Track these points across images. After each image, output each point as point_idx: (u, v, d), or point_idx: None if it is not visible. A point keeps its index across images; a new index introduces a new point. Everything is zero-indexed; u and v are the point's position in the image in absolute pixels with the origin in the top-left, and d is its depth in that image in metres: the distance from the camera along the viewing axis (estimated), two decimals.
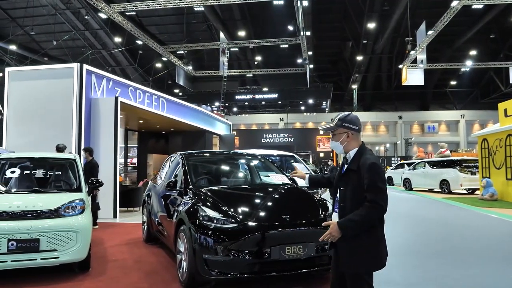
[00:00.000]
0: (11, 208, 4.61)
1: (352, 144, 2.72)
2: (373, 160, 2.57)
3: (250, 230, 4.10)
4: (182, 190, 5.12)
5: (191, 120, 14.89)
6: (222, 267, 4.03)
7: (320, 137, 39.84)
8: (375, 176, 2.51)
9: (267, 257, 4.04)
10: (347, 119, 2.73)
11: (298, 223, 4.34)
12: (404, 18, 31.38)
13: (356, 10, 33.75)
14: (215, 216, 4.24)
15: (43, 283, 4.62)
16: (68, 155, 5.92)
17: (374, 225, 2.57)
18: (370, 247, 2.55)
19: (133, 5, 18.95)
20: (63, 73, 9.85)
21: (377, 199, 2.48)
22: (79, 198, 5.04)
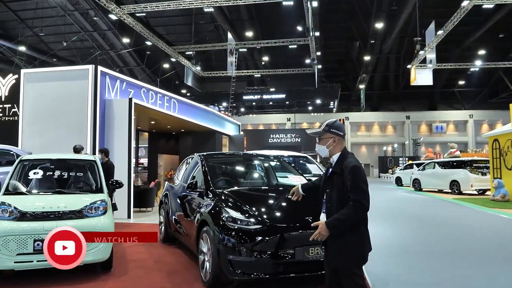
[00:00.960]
0: (36, 209, 4.69)
1: (336, 149, 2.93)
2: (355, 163, 2.77)
3: (275, 231, 4.15)
4: (203, 191, 5.16)
5: (202, 120, 14.96)
6: (247, 267, 4.07)
7: None
8: (357, 178, 2.71)
9: (291, 258, 4.08)
10: (334, 125, 2.94)
11: None
12: (412, 17, 31.26)
13: (364, 10, 33.67)
14: (239, 217, 4.29)
15: (67, 283, 4.68)
16: (88, 157, 5.99)
17: (358, 223, 2.75)
18: (355, 244, 2.75)
19: (143, 6, 19.05)
20: (78, 75, 9.95)
21: (360, 199, 2.66)
22: (102, 199, 5.10)
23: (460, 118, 45.02)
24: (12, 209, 4.64)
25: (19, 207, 4.66)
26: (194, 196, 5.38)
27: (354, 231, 2.74)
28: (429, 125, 45.41)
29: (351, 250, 2.74)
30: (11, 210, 4.64)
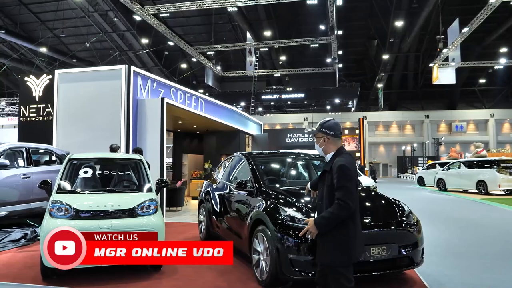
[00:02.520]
0: (91, 207, 4.72)
1: (329, 148, 3.01)
2: (342, 162, 2.82)
3: None
4: (253, 190, 5.13)
5: (227, 120, 14.96)
6: (308, 267, 4.02)
7: (345, 137, 39.51)
8: (343, 177, 2.76)
9: None
10: (325, 125, 3.04)
11: (380, 224, 4.32)
12: (432, 15, 30.84)
13: (383, 8, 33.33)
14: (297, 216, 4.24)
15: (123, 282, 4.70)
16: (135, 156, 6.02)
17: (346, 222, 2.80)
18: (341, 243, 2.81)
19: (167, 6, 19.16)
20: (111, 75, 10.02)
21: (344, 198, 2.73)
22: (152, 198, 5.12)
23: (481, 117, 44.29)
24: (68, 207, 4.68)
25: (74, 205, 4.70)
26: (243, 195, 5.35)
27: (341, 230, 2.81)
28: (448, 124, 44.77)
29: (335, 248, 2.81)
30: (66, 208, 4.68)
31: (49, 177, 7.52)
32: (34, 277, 4.89)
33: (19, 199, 7.00)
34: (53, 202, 4.76)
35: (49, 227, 4.53)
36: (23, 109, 10.68)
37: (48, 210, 4.76)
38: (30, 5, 35.79)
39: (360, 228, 3.01)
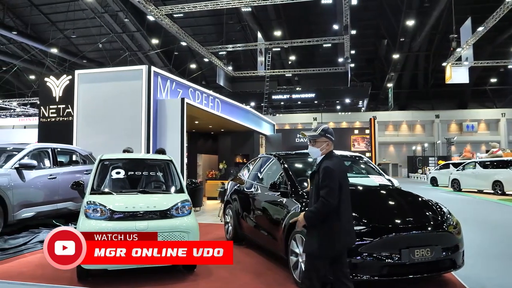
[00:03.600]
0: (127, 208, 4.69)
1: (327, 151, 3.32)
2: (327, 164, 3.14)
3: (379, 232, 4.04)
4: (288, 191, 5.08)
5: (242, 120, 14.93)
6: (354, 269, 3.95)
7: (355, 137, 39.32)
8: (326, 177, 3.08)
9: (397, 260, 3.96)
10: (329, 131, 3.36)
11: (422, 226, 4.26)
12: (443, 14, 30.60)
13: (393, 8, 33.13)
14: None
15: (158, 283, 4.67)
16: (165, 156, 5.99)
17: (330, 217, 3.10)
18: (322, 236, 3.12)
19: (180, 7, 19.17)
20: (131, 75, 10.03)
21: (326, 196, 3.05)
22: (186, 199, 5.08)
23: (492, 116, 43.89)
24: (103, 208, 4.65)
25: (109, 206, 4.67)
26: (276, 196, 5.30)
27: (324, 224, 3.12)
28: (459, 124, 44.42)
29: (317, 239, 3.13)
30: (102, 209, 4.65)
31: (75, 177, 7.55)
32: (69, 278, 4.86)
33: (46, 199, 7.00)
34: (88, 203, 4.73)
35: (85, 228, 4.52)
36: (43, 109, 10.71)
37: (83, 211, 4.73)
38: (41, 6, 35.99)
39: (347, 222, 3.25)
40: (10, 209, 6.20)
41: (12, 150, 7.17)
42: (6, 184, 6.17)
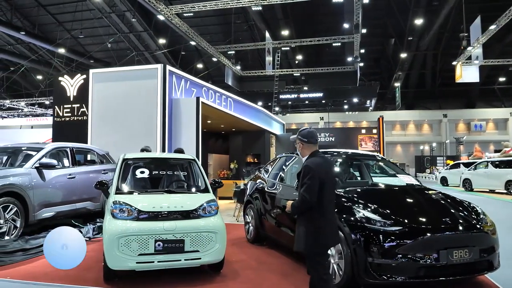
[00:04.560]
0: (154, 208, 4.61)
1: (304, 152, 3.52)
2: (307, 163, 3.35)
3: (417, 233, 3.96)
4: None
5: (254, 119, 14.85)
6: (388, 270, 3.88)
7: (362, 136, 39.11)
8: (305, 176, 3.28)
9: (434, 261, 3.87)
10: (301, 133, 3.56)
11: (460, 226, 4.17)
12: (451, 13, 30.36)
13: (401, 6, 32.92)
14: (375, 218, 4.10)
15: (187, 285, 4.59)
16: (188, 156, 5.91)
17: (312, 214, 3.27)
18: (310, 232, 3.27)
19: (191, 6, 19.10)
20: (146, 74, 9.96)
21: (303, 193, 3.24)
22: (213, 199, 5.00)
23: (500, 116, 43.55)
24: (131, 208, 4.57)
25: (137, 206, 4.59)
26: None
27: (309, 222, 3.29)
28: (467, 123, 44.11)
29: (306, 237, 3.28)
30: (129, 209, 4.57)
31: (93, 177, 7.51)
32: (95, 278, 4.81)
33: (65, 199, 6.95)
34: (115, 203, 4.65)
35: (111, 229, 4.45)
36: (57, 109, 10.67)
37: (110, 211, 4.65)
38: (48, 6, 36.05)
39: (330, 220, 3.39)
40: (31, 209, 6.16)
41: (29, 150, 7.13)
42: (27, 184, 6.12)
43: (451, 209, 4.48)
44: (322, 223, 3.30)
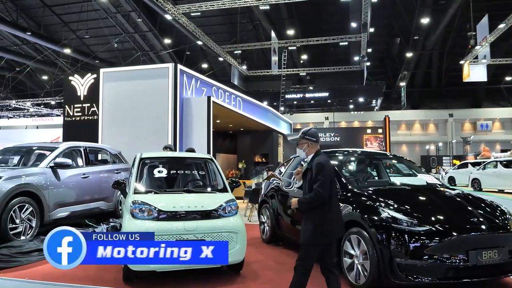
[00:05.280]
0: (175, 208, 4.55)
1: (311, 151, 3.63)
2: (319, 161, 3.48)
3: (445, 233, 3.88)
4: (338, 190, 4.90)
5: (262, 119, 14.79)
6: (417, 271, 3.81)
7: (368, 136, 38.98)
8: (319, 172, 3.41)
9: (463, 262, 3.80)
10: (308, 133, 3.65)
11: (488, 226, 4.09)
12: (458, 12, 30.19)
13: (407, 5, 32.76)
14: (402, 218, 4.03)
15: (207, 285, 4.54)
16: (205, 155, 5.85)
17: (323, 208, 3.41)
18: (316, 226, 3.41)
19: (198, 5, 19.07)
20: (157, 74, 9.93)
21: (318, 188, 3.37)
22: (232, 199, 4.94)
23: (507, 115, 43.23)
24: (151, 208, 4.52)
25: (157, 206, 4.53)
26: None
27: (317, 215, 3.42)
28: (473, 123, 43.84)
29: (311, 229, 3.42)
30: (149, 209, 4.52)
31: (106, 177, 7.47)
32: (114, 279, 4.76)
33: (80, 199, 6.91)
34: (134, 203, 4.59)
35: (132, 229, 4.40)
36: (67, 108, 10.64)
37: (129, 211, 4.60)
38: (54, 7, 36.11)
39: (337, 214, 3.57)
40: (46, 208, 6.11)
41: (43, 149, 7.10)
42: (43, 184, 6.08)
43: (476, 209, 4.40)
44: (331, 215, 3.47)
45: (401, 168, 6.07)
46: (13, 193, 5.61)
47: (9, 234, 5.64)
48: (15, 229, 5.75)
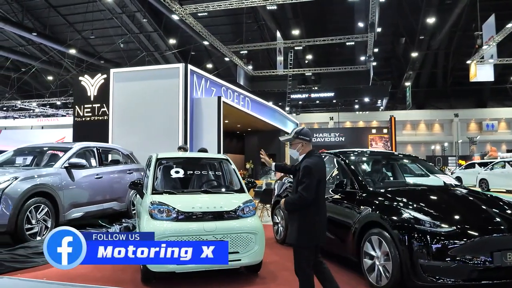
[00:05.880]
0: (194, 209, 4.54)
1: (304, 151, 3.61)
2: (306, 163, 3.45)
3: (469, 234, 3.85)
4: (356, 191, 4.88)
5: (270, 119, 14.79)
6: (440, 273, 3.77)
7: (372, 136, 38.95)
8: (304, 175, 3.40)
9: (488, 264, 3.76)
10: (301, 132, 3.64)
11: (510, 227, 4.04)
12: (464, 12, 30.08)
13: (412, 5, 32.66)
14: (424, 219, 3.99)
15: (226, 286, 4.52)
16: (221, 155, 5.83)
17: (309, 210, 3.41)
18: (304, 226, 3.41)
19: (205, 6, 19.08)
20: (167, 74, 9.94)
21: (301, 191, 3.38)
22: (250, 199, 4.92)
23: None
24: (169, 209, 4.50)
25: (175, 207, 4.52)
26: (341, 196, 5.11)
27: (303, 217, 3.42)
28: (479, 123, 43.67)
29: (299, 230, 3.41)
30: (168, 210, 4.50)
31: (119, 177, 7.46)
32: (131, 280, 4.75)
33: (93, 199, 6.91)
34: (153, 203, 4.58)
35: (151, 230, 4.38)
36: (77, 108, 10.65)
37: (148, 211, 4.58)
38: (59, 7, 36.21)
39: (323, 217, 3.57)
40: (61, 209, 6.11)
41: (56, 149, 7.10)
42: (58, 184, 6.08)
43: (498, 210, 4.35)
44: (317, 218, 3.47)
45: (413, 168, 6.02)
46: (29, 194, 5.61)
47: (26, 234, 5.64)
48: (31, 230, 5.76)
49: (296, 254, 3.50)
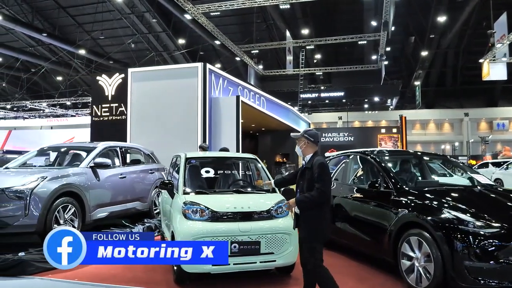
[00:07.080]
0: (228, 209, 4.48)
1: (308, 150, 3.75)
2: (321, 161, 3.59)
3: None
4: (391, 191, 4.79)
5: (284, 118, 14.73)
6: (487, 275, 3.70)
7: (382, 136, 38.66)
8: (322, 171, 3.52)
9: None
10: (308, 132, 3.82)
11: None
12: (474, 10, 29.82)
13: (422, 4, 32.44)
14: (467, 219, 3.91)
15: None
16: (249, 155, 5.77)
17: (323, 207, 3.53)
18: (316, 223, 3.54)
19: (218, 5, 19.05)
20: (186, 73, 9.91)
21: (321, 187, 3.47)
22: (283, 199, 4.85)
23: None
24: (203, 209, 4.45)
25: (209, 207, 4.46)
26: (372, 196, 5.03)
27: (317, 212, 3.53)
28: (489, 122, 43.30)
29: (314, 226, 3.54)
30: (202, 210, 4.45)
31: (142, 177, 7.43)
32: (165, 280, 4.72)
33: (118, 199, 6.88)
34: (186, 203, 4.53)
35: (185, 230, 4.34)
36: (95, 108, 10.65)
37: (181, 211, 4.53)
38: (68, 8, 36.37)
39: (330, 213, 3.77)
40: (87, 209, 6.08)
41: (80, 149, 7.08)
42: (84, 184, 6.05)
43: None
44: (328, 215, 3.66)
45: (458, 169, 5.91)
46: (57, 194, 5.58)
47: None
48: None
49: (313, 250, 3.56)
